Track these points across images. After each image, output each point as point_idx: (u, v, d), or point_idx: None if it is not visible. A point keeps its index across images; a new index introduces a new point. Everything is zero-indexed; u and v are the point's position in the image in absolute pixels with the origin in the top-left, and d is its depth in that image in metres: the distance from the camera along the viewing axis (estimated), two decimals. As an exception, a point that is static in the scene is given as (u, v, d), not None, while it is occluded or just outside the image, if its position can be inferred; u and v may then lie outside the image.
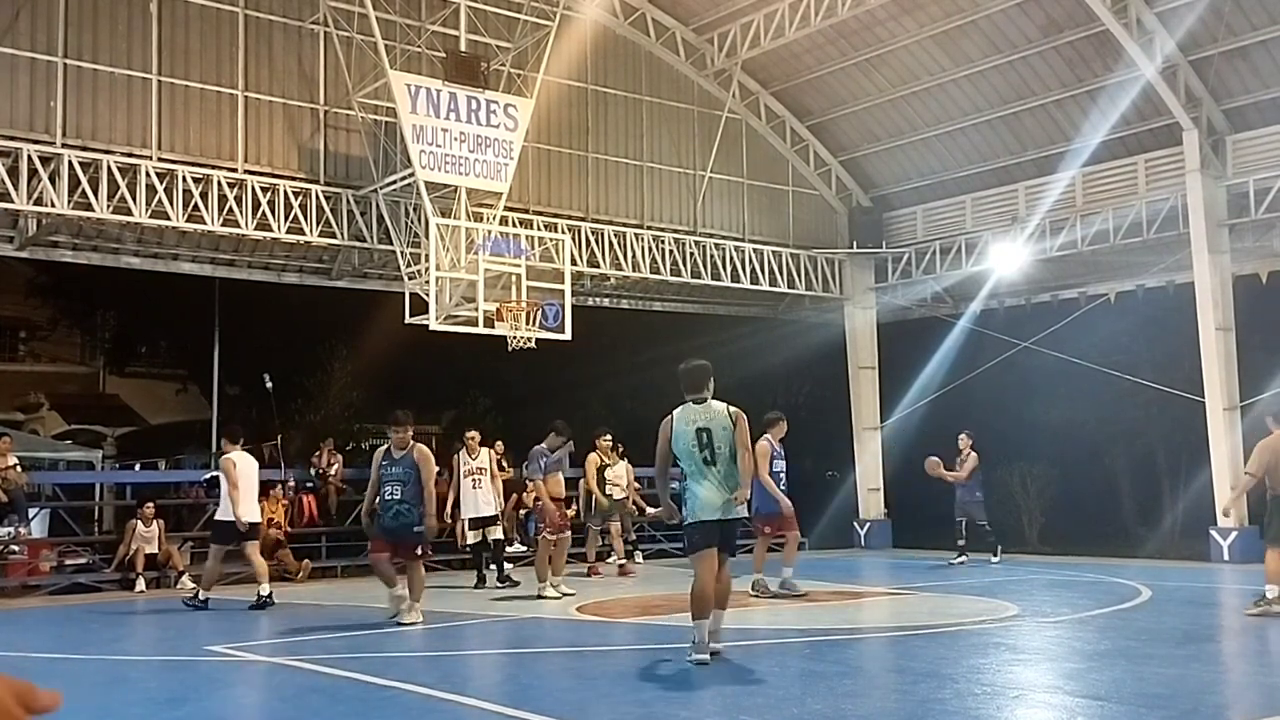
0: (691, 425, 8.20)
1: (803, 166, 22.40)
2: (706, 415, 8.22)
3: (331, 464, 18.80)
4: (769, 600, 12.22)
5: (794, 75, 21.20)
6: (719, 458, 8.11)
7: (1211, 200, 17.52)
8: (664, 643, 9.84)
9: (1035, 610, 11.22)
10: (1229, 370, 17.40)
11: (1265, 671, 8.19)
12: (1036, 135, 19.89)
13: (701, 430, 8.15)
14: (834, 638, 9.77)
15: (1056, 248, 19.52)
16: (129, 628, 12.56)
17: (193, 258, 17.47)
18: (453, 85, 16.62)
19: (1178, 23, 16.69)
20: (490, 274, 16.41)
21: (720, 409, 8.27)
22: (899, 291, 22.25)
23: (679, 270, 20.20)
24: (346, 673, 8.12)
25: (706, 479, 8.11)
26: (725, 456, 8.13)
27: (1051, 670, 8.10)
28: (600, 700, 7.02)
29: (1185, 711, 6.44)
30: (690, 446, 8.14)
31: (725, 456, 8.13)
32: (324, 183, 17.14)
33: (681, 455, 8.24)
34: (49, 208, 14.97)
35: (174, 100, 16.19)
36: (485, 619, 11.77)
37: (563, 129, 19.67)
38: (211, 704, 7.23)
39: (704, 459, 8.12)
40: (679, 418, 8.27)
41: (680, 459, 8.27)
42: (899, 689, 7.44)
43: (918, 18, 18.99)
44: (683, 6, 20.52)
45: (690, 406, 8.30)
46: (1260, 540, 17.11)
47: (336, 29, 16.93)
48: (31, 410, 32.49)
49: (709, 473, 8.11)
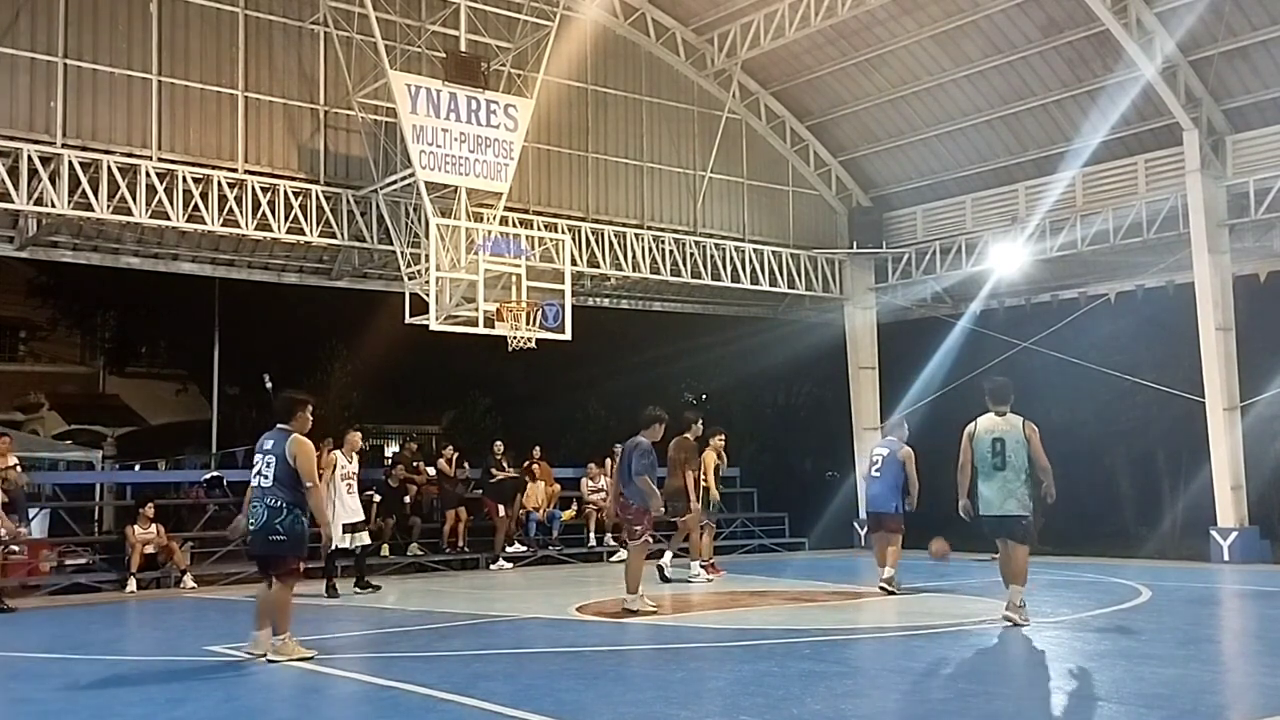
0: (989, 434, 9.74)
1: (803, 167, 22.40)
2: (1004, 426, 9.75)
3: (331, 464, 18.79)
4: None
5: (794, 75, 21.20)
6: (1009, 464, 9.63)
7: (1211, 200, 17.52)
8: (664, 643, 9.84)
9: (1035, 611, 11.21)
10: (1229, 370, 17.40)
11: (1265, 671, 8.18)
12: (1036, 135, 19.89)
13: (997, 439, 9.69)
14: (834, 638, 9.77)
15: (1056, 248, 19.52)
16: (129, 628, 12.56)
17: (193, 258, 17.48)
18: (453, 85, 16.62)
19: (1178, 23, 16.69)
20: (490, 274, 16.41)
21: (1017, 422, 9.78)
22: (899, 291, 22.25)
23: (679, 270, 20.20)
24: (346, 673, 8.12)
25: (992, 480, 9.68)
26: (1015, 464, 9.63)
27: (1051, 670, 8.10)
28: (600, 700, 7.03)
29: (1185, 711, 6.44)
30: (985, 452, 9.70)
31: (1015, 464, 9.63)
32: (324, 183, 17.14)
33: (978, 458, 9.79)
34: (49, 208, 14.98)
35: (174, 100, 16.19)
36: (485, 619, 11.76)
37: (563, 129, 19.67)
38: (211, 704, 7.23)
39: (995, 464, 9.66)
40: (981, 425, 9.86)
41: (976, 461, 9.82)
42: (899, 689, 7.45)
43: (917, 18, 18.99)
44: (683, 7, 20.52)
45: (991, 417, 9.85)
46: (1260, 540, 17.20)
47: (336, 29, 16.93)
48: (31, 410, 32.48)
49: (995, 476, 9.68)
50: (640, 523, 11.33)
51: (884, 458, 12.92)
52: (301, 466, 8.48)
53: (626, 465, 11.42)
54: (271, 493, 8.49)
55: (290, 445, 8.52)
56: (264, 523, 8.49)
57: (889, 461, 12.85)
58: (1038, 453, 9.69)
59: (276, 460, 8.51)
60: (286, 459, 8.48)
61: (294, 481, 8.49)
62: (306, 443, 8.64)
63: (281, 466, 8.48)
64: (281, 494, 8.47)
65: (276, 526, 8.46)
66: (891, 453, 12.88)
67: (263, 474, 8.56)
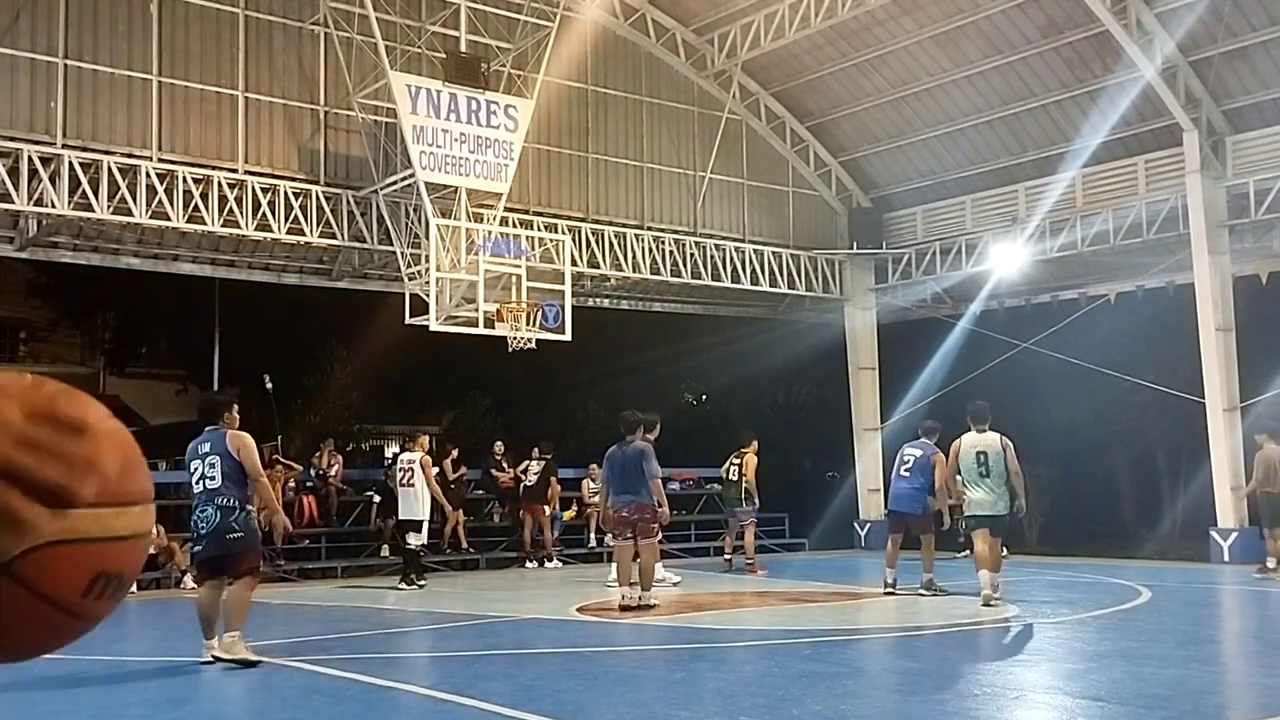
0: (973, 449, 11.41)
1: (803, 167, 22.40)
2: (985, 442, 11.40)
3: (332, 465, 18.80)
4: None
5: (794, 76, 21.20)
6: (992, 473, 11.32)
7: (1211, 201, 17.52)
8: (664, 643, 9.85)
9: (1035, 611, 11.22)
10: (1229, 371, 17.40)
11: (1265, 671, 8.19)
12: (1036, 136, 19.89)
13: (980, 453, 11.36)
14: (834, 638, 9.78)
15: (1056, 248, 19.52)
16: (129, 628, 12.56)
17: (193, 258, 17.47)
18: (453, 86, 16.62)
19: (1178, 23, 16.69)
20: (490, 275, 16.41)
21: (995, 438, 11.38)
22: (899, 292, 22.25)
23: (679, 271, 20.20)
24: (347, 673, 8.12)
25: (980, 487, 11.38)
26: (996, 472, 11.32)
27: (1051, 671, 8.11)
28: (600, 701, 7.03)
29: (1185, 712, 6.45)
30: (971, 464, 11.42)
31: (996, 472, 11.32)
32: (324, 183, 17.14)
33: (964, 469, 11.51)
34: (49, 208, 14.98)
35: (174, 101, 16.20)
36: (486, 619, 11.77)
37: (563, 130, 19.67)
38: (212, 704, 7.24)
39: (980, 473, 11.36)
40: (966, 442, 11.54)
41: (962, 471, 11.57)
42: (899, 690, 7.45)
43: (917, 18, 18.99)
44: (683, 7, 20.52)
45: (974, 434, 11.50)
46: (1260, 541, 17.19)
47: (337, 30, 16.93)
48: (32, 411, 32.42)
49: (983, 484, 11.36)
50: (655, 522, 11.65)
51: (915, 459, 12.91)
52: (247, 460, 8.44)
53: (635, 469, 11.58)
54: (220, 493, 8.38)
55: (231, 441, 8.46)
56: (218, 523, 8.37)
57: (920, 463, 12.84)
58: (1013, 462, 11.39)
59: (220, 459, 8.42)
60: (231, 456, 8.41)
61: (241, 477, 8.43)
62: (246, 437, 8.62)
63: (227, 463, 8.40)
64: (231, 491, 8.39)
65: (233, 524, 8.37)
66: (925, 455, 12.86)
67: (207, 476, 8.45)
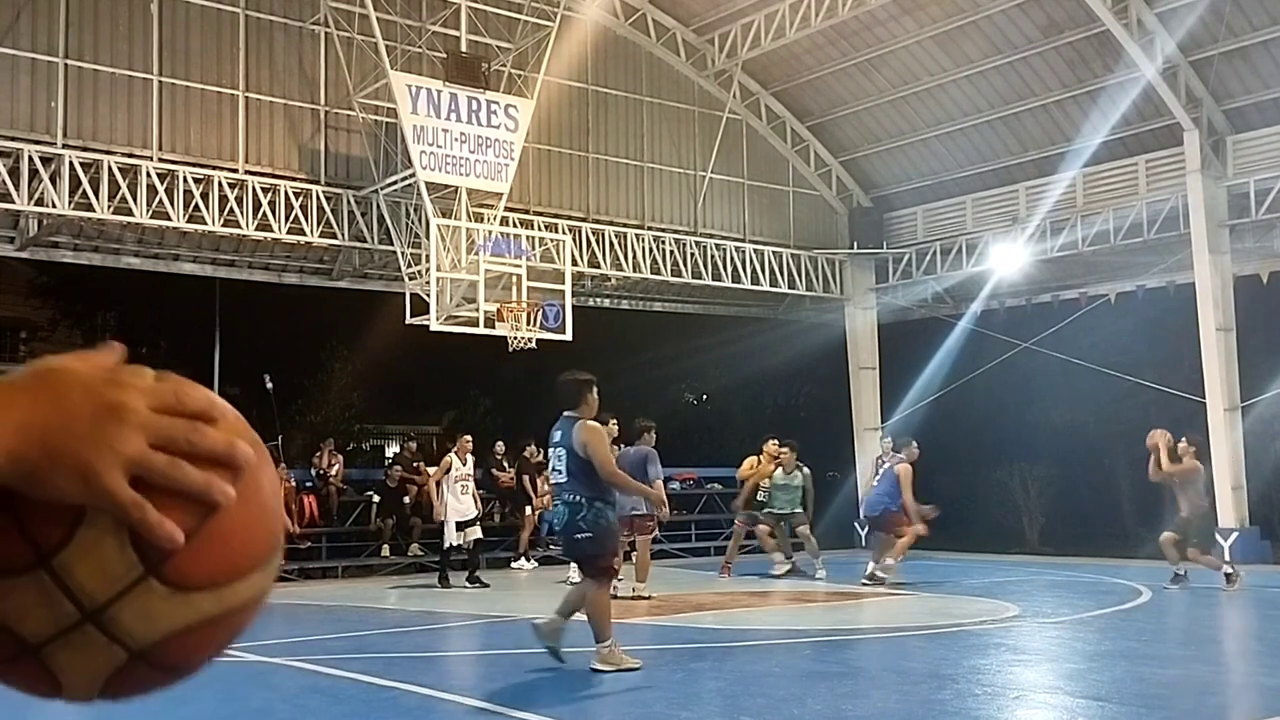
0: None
1: (803, 167, 22.40)
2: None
3: (332, 465, 18.80)
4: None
5: (794, 76, 21.20)
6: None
7: (1212, 201, 17.52)
8: (665, 643, 9.85)
9: (1035, 611, 11.22)
10: (1229, 371, 17.40)
11: (1265, 671, 8.19)
12: (1037, 136, 19.89)
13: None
14: (834, 638, 9.78)
15: (1057, 248, 19.51)
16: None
17: (193, 258, 17.47)
18: (453, 86, 16.62)
19: (1178, 23, 16.69)
20: (491, 274, 16.41)
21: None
22: (899, 292, 22.24)
23: (679, 271, 20.20)
24: (348, 673, 8.12)
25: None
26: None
27: (1052, 671, 8.11)
28: (600, 700, 7.03)
29: (1185, 712, 6.45)
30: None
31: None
32: (325, 183, 17.14)
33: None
34: (50, 208, 14.98)
35: (174, 101, 16.19)
36: (486, 619, 11.77)
37: (563, 129, 19.66)
38: (212, 704, 7.23)
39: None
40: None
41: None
42: (899, 689, 7.45)
43: (918, 18, 18.99)
44: (683, 7, 20.52)
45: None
46: (1261, 541, 17.20)
47: (337, 29, 16.93)
48: (32, 411, 32.43)
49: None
50: (652, 520, 12.57)
51: (884, 470, 14.69)
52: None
53: (639, 471, 11.91)
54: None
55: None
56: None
57: (887, 474, 14.38)
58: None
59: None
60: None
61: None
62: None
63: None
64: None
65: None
66: (890, 468, 14.38)
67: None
